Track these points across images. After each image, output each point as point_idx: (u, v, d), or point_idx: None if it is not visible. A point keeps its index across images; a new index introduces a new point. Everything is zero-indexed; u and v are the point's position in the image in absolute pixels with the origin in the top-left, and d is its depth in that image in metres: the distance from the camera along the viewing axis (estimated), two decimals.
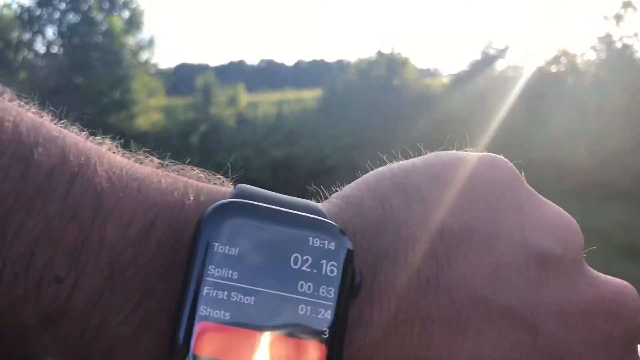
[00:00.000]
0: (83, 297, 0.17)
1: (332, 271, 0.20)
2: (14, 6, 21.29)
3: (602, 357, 0.22)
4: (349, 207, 0.22)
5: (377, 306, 0.20)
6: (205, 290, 0.18)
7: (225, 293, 0.19)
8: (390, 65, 17.77)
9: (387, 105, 16.50)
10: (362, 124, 15.88)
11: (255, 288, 0.19)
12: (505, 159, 0.25)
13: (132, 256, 0.18)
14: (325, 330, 0.19)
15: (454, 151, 0.25)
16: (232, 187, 0.23)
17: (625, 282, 0.25)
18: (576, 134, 15.06)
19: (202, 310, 0.18)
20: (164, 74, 20.79)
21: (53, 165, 0.18)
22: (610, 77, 15.87)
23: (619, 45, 16.79)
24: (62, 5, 17.15)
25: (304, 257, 0.20)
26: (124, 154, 0.23)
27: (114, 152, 0.22)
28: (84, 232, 0.18)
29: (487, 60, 18.21)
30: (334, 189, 0.26)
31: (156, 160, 0.23)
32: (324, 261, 0.20)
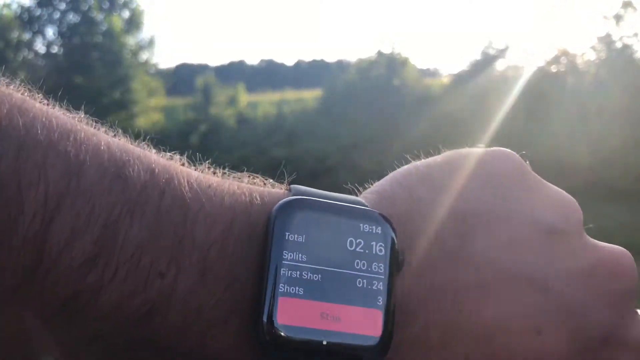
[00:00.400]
0: (182, 288, 0.21)
1: (380, 250, 0.24)
2: (14, 6, 21.31)
3: (605, 310, 0.26)
4: (383, 200, 0.26)
5: (415, 278, 0.24)
6: (282, 271, 0.22)
7: (298, 273, 0.22)
8: (390, 65, 17.78)
9: (387, 105, 16.50)
10: (362, 124, 15.88)
11: (321, 267, 0.23)
12: (513, 152, 0.29)
13: (217, 251, 0.22)
14: (380, 299, 0.23)
15: (468, 148, 0.29)
16: (286, 188, 0.27)
17: (621, 248, 0.29)
18: (576, 134, 15.06)
19: (281, 287, 0.22)
20: (164, 74, 20.82)
21: (145, 180, 0.21)
22: (610, 77, 15.88)
23: (619, 45, 16.80)
24: (62, 5, 17.15)
25: (357, 241, 0.24)
26: (193, 166, 0.26)
27: (186, 166, 0.25)
28: (179, 235, 0.21)
29: (487, 60, 18.21)
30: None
31: (219, 171, 0.27)
32: (374, 243, 0.24)
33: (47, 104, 0.24)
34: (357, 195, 0.28)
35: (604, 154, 14.33)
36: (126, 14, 17.85)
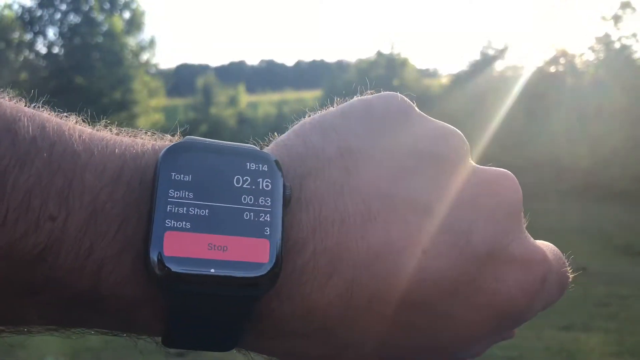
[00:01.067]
0: (74, 229, 0.22)
1: (267, 186, 0.25)
2: (15, 7, 21.39)
3: (489, 227, 0.27)
4: (279, 147, 0.29)
5: (304, 211, 0.26)
6: (168, 208, 0.23)
7: (184, 209, 0.24)
8: (389, 66, 17.84)
9: None
10: None
11: (207, 203, 0.24)
12: (398, 94, 0.31)
13: (108, 194, 0.23)
14: (267, 229, 0.24)
15: (360, 96, 0.31)
16: (178, 138, 0.29)
17: (504, 170, 0.30)
18: (575, 134, 15.10)
19: (167, 223, 0.23)
20: (164, 74, 20.88)
21: (35, 133, 0.23)
22: (609, 77, 15.92)
23: (617, 45, 16.83)
24: (63, 6, 17.23)
25: (244, 178, 0.25)
26: (87, 125, 0.27)
27: (79, 123, 0.26)
28: (68, 179, 0.22)
29: (486, 61, 18.26)
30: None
31: (115, 128, 0.28)
32: (260, 179, 0.25)
33: None
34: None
35: (602, 154, 14.37)
36: (127, 14, 17.93)
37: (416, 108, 0.30)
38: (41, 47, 17.34)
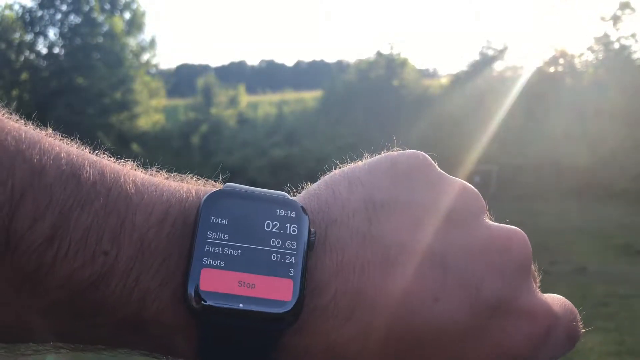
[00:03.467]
0: (123, 262, 0.25)
1: (294, 231, 0.28)
2: (16, 7, 21.40)
3: (498, 281, 0.29)
4: (309, 195, 0.31)
5: (328, 256, 0.28)
6: (206, 247, 0.26)
7: (220, 249, 0.27)
8: (389, 66, 17.85)
9: (387, 105, 16.58)
10: (362, 124, 15.97)
11: (240, 244, 0.27)
12: (422, 153, 0.33)
13: (155, 233, 0.26)
14: (292, 270, 0.27)
15: (386, 152, 0.34)
16: (220, 185, 0.32)
17: (515, 227, 0.32)
18: (574, 134, 15.12)
19: (204, 260, 0.26)
20: (165, 75, 20.92)
21: (96, 179, 0.26)
22: (608, 77, 15.95)
23: (616, 46, 16.87)
24: (64, 7, 17.25)
25: (274, 223, 0.28)
26: (140, 169, 0.30)
27: (134, 169, 0.30)
28: (121, 219, 0.26)
29: (486, 61, 18.29)
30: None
31: (165, 173, 0.31)
32: (288, 224, 0.28)
33: (19, 121, 0.29)
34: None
35: (602, 154, 14.40)
36: (127, 15, 17.96)
37: (436, 166, 0.33)
38: (42, 48, 17.37)
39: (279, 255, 0.28)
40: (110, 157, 0.30)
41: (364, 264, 0.28)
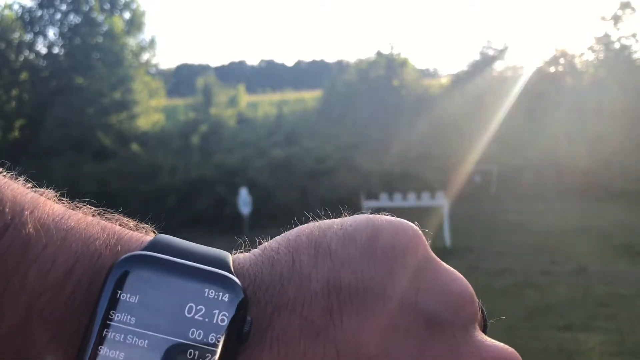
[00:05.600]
0: (4, 332, 0.20)
1: (222, 320, 0.22)
2: (16, 7, 21.40)
3: None
4: (264, 258, 0.25)
5: (267, 351, 0.22)
6: (104, 332, 0.21)
7: (122, 336, 0.21)
8: (389, 66, 17.84)
9: (387, 105, 16.56)
10: (362, 124, 15.95)
11: (149, 332, 0.21)
12: (414, 226, 0.26)
13: (49, 299, 0.21)
14: None
15: (369, 215, 0.27)
16: (151, 236, 0.26)
17: (509, 349, 0.25)
18: (575, 134, 15.12)
19: (100, 349, 0.21)
20: (164, 75, 20.89)
21: None
22: (609, 77, 15.93)
23: (617, 45, 16.85)
24: (63, 6, 17.23)
25: (198, 307, 0.22)
26: (61, 201, 0.25)
27: (50, 201, 0.24)
28: (6, 278, 0.21)
29: (486, 61, 18.28)
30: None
31: (90, 208, 0.26)
32: (217, 311, 0.22)
33: None
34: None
35: (602, 154, 14.39)
36: (127, 14, 17.94)
37: (428, 248, 0.26)
38: (41, 47, 17.34)
39: (197, 353, 0.22)
40: (27, 181, 0.24)
41: None
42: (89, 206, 0.26)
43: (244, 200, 10.81)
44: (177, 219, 11.23)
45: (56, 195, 0.25)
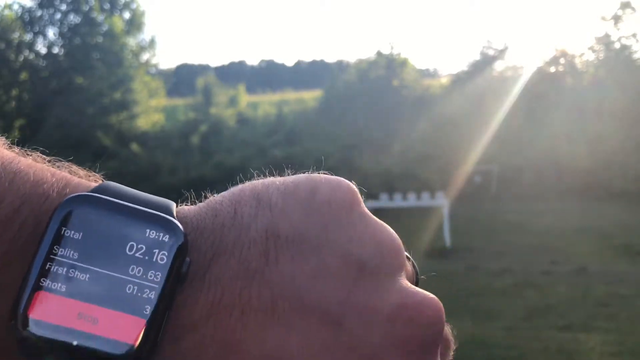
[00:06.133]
0: None
1: (162, 259, 0.23)
2: (16, 7, 21.40)
3: (396, 358, 0.25)
4: (208, 209, 0.26)
5: (204, 292, 0.24)
6: (47, 265, 0.22)
7: (65, 269, 0.22)
8: (389, 66, 17.85)
9: (387, 105, 16.57)
10: (362, 124, 15.95)
11: (90, 267, 0.22)
12: (349, 183, 0.28)
13: None
14: (147, 307, 0.22)
15: (310, 174, 0.29)
16: (98, 182, 0.27)
17: (432, 296, 0.27)
18: (575, 134, 15.11)
19: (42, 281, 0.22)
20: (164, 75, 20.90)
21: None
22: (609, 77, 15.93)
23: (617, 45, 16.85)
24: (63, 6, 17.24)
25: (139, 246, 0.23)
26: (11, 148, 0.26)
27: (1, 146, 0.25)
28: None
29: (486, 61, 18.28)
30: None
31: (40, 155, 0.27)
32: (157, 250, 0.23)
33: None
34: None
35: (602, 154, 14.39)
36: (127, 14, 17.95)
37: (362, 204, 0.28)
38: (41, 47, 17.36)
39: (136, 288, 0.23)
40: None
41: (245, 310, 0.23)
42: (39, 154, 0.27)
43: None
44: None
45: (6, 142, 0.26)
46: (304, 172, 0.29)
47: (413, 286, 0.27)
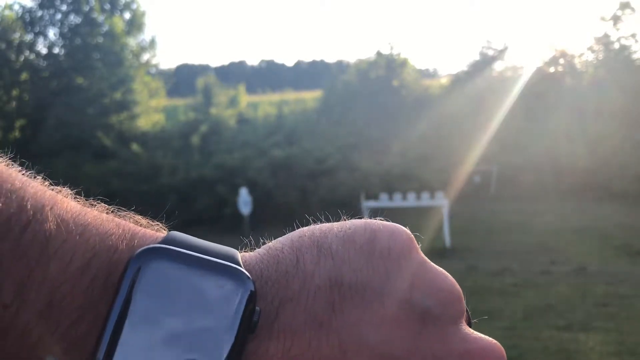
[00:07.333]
0: (25, 320, 0.22)
1: (233, 309, 0.24)
2: (16, 7, 21.40)
3: None
4: (269, 257, 0.27)
5: (274, 342, 0.24)
6: (122, 320, 0.22)
7: (139, 323, 0.22)
8: (389, 66, 17.85)
9: (387, 105, 16.57)
10: (362, 124, 15.95)
11: (164, 320, 0.23)
12: (407, 231, 0.28)
13: (69, 289, 0.22)
14: (221, 358, 0.23)
15: (367, 220, 0.29)
16: (163, 232, 0.27)
17: (494, 342, 0.27)
18: (574, 134, 15.13)
19: (117, 336, 0.22)
20: (164, 75, 20.89)
21: (11, 213, 0.22)
22: (608, 77, 15.94)
23: (616, 46, 16.85)
24: (64, 7, 17.24)
25: (211, 296, 0.24)
26: (76, 199, 0.26)
27: (67, 199, 0.25)
28: (29, 268, 0.22)
29: (486, 61, 18.28)
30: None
31: (104, 206, 0.27)
32: (228, 300, 0.24)
33: None
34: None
35: (602, 154, 14.40)
36: (127, 15, 17.95)
37: (419, 250, 0.28)
38: (42, 48, 17.35)
39: (209, 339, 0.23)
40: (44, 179, 0.26)
41: (315, 359, 0.24)
42: (102, 204, 0.27)
43: (244, 200, 10.81)
44: (177, 219, 11.22)
45: (71, 194, 0.26)
46: (360, 218, 0.29)
47: (475, 332, 0.27)
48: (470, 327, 0.29)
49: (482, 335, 0.27)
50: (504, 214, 11.13)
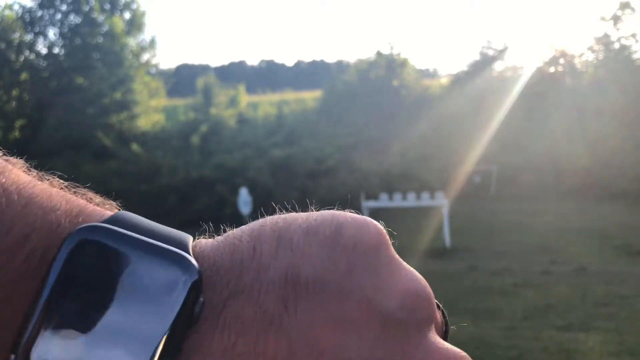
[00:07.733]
0: None
1: (173, 298, 0.22)
2: (16, 7, 21.41)
3: None
4: (226, 244, 0.25)
5: (218, 336, 0.22)
6: (53, 300, 0.21)
7: (69, 306, 0.21)
8: (389, 66, 17.85)
9: (387, 105, 16.58)
10: (362, 124, 15.96)
11: (95, 304, 0.21)
12: (377, 224, 0.26)
13: (2, 262, 0.21)
14: (152, 350, 0.21)
15: (335, 211, 0.27)
16: (113, 211, 0.26)
17: (463, 354, 0.25)
18: (574, 134, 15.13)
19: (46, 317, 0.21)
20: (164, 75, 20.89)
21: None
22: (608, 77, 15.95)
23: (616, 46, 16.87)
24: (64, 7, 17.24)
25: (149, 282, 0.22)
26: (29, 171, 0.25)
27: (17, 169, 0.24)
28: None
29: (486, 61, 18.30)
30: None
31: (58, 181, 0.26)
32: (168, 288, 0.22)
33: None
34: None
35: (601, 154, 14.41)
36: (127, 15, 17.95)
37: (390, 247, 0.26)
38: (42, 48, 17.34)
39: (142, 328, 0.21)
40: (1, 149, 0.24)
41: (260, 358, 0.22)
42: (57, 179, 0.26)
43: (244, 200, 10.81)
44: (177, 219, 11.23)
45: (26, 165, 0.25)
46: (329, 209, 0.27)
47: (442, 342, 0.25)
48: (445, 335, 0.26)
49: (450, 346, 0.25)
50: (504, 214, 11.14)
